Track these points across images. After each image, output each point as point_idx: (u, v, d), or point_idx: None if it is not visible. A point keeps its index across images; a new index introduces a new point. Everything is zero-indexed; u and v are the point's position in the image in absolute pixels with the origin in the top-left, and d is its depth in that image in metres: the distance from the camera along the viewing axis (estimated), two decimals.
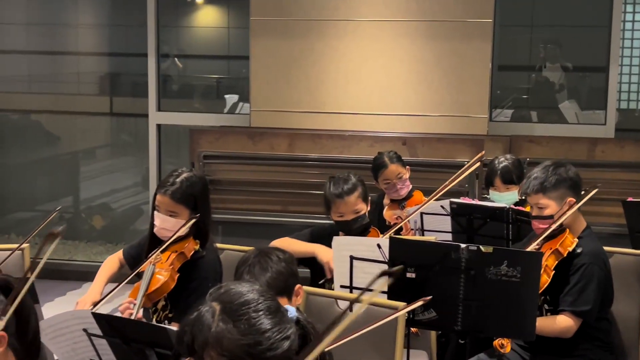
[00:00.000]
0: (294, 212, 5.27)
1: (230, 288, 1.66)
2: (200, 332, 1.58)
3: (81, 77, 6.86)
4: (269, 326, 1.59)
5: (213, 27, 6.84)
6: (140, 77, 6.51)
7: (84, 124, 6.75)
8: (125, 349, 2.25)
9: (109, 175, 6.91)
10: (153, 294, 2.92)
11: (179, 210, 3.00)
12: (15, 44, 6.72)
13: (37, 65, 6.84)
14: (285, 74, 5.40)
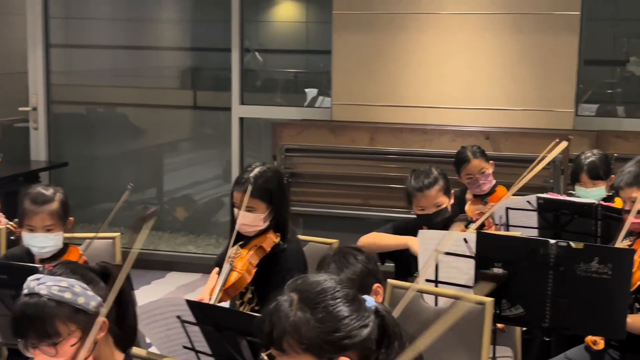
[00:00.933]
0: (374, 206, 5.28)
1: (307, 278, 1.69)
2: (279, 322, 1.61)
3: (164, 72, 6.99)
4: (347, 314, 1.61)
5: (292, 22, 6.88)
6: (221, 71, 6.61)
7: (168, 117, 6.89)
8: (217, 336, 2.29)
9: (191, 168, 7.03)
10: (230, 289, 2.97)
11: (256, 205, 3.03)
12: (101, 39, 6.90)
13: (121, 59, 7.00)
14: (366, 67, 5.41)
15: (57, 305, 1.85)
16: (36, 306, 1.84)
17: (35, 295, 1.85)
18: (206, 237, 6.56)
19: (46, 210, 3.03)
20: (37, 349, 1.85)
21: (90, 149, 6.74)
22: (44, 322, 1.83)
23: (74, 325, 1.86)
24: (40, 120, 6.37)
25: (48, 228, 3.03)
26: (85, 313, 1.88)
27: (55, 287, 1.86)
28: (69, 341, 1.85)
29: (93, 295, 1.90)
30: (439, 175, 3.48)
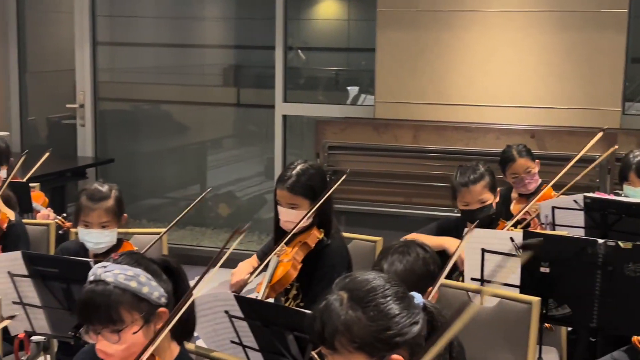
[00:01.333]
0: (417, 204, 5.27)
1: (356, 276, 1.69)
2: (330, 320, 1.61)
3: (207, 69, 7.05)
4: (397, 311, 1.62)
5: (334, 20, 6.89)
6: (264, 69, 6.64)
7: (211, 114, 6.95)
8: (264, 331, 2.32)
9: (234, 165, 7.08)
10: (276, 284, 2.99)
11: (299, 202, 3.04)
12: (146, 36, 6.98)
13: (166, 57, 7.08)
14: (410, 65, 5.40)
15: (122, 293, 1.88)
16: (102, 293, 1.88)
17: (102, 282, 1.89)
18: (249, 234, 6.60)
19: (102, 207, 3.08)
20: (100, 334, 1.89)
21: (135, 146, 6.83)
22: (109, 308, 1.87)
23: (137, 314, 1.90)
24: (87, 117, 6.47)
25: (103, 224, 3.08)
26: (148, 302, 1.91)
27: (121, 275, 1.90)
28: (132, 329, 1.89)
29: (156, 286, 1.94)
30: (485, 171, 3.46)
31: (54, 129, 7.10)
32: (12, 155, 4.41)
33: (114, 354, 1.89)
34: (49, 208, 4.22)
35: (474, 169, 3.45)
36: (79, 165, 6.11)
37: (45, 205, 4.29)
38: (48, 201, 4.38)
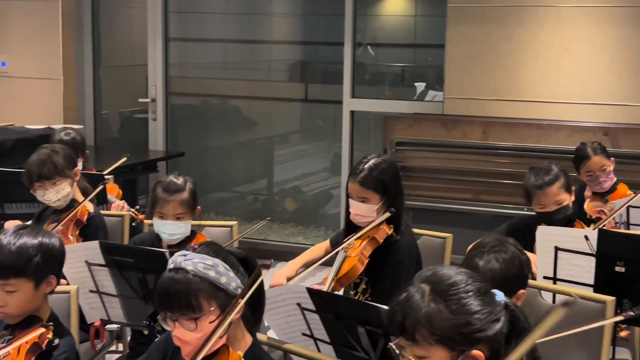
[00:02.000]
0: (485, 202, 5.22)
1: (438, 270, 1.69)
2: (412, 312, 1.62)
3: (276, 65, 7.10)
4: (479, 307, 1.61)
5: (401, 16, 6.86)
6: (330, 65, 6.66)
7: (279, 109, 7.00)
8: (336, 324, 2.33)
9: (300, 160, 7.12)
10: (342, 278, 3.01)
11: (369, 196, 3.06)
12: (215, 32, 7.07)
13: (235, 52, 7.15)
14: (481, 61, 5.35)
15: (200, 281, 1.91)
16: (182, 280, 1.91)
17: (181, 271, 1.92)
18: (315, 229, 6.64)
19: (177, 199, 3.13)
20: (177, 321, 1.92)
21: (204, 140, 6.92)
22: (189, 296, 1.90)
23: (214, 303, 1.92)
24: (158, 111, 6.58)
25: (178, 216, 3.13)
26: (225, 293, 1.94)
27: (200, 264, 1.93)
28: (209, 317, 1.92)
29: (234, 277, 1.97)
30: (559, 172, 3.41)
31: (126, 123, 7.25)
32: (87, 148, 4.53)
33: (190, 341, 1.92)
34: (122, 200, 4.32)
35: (547, 170, 3.40)
36: (150, 159, 6.21)
37: (119, 197, 4.38)
38: (122, 193, 4.48)
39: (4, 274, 2.24)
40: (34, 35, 6.49)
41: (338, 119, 6.19)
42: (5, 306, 2.26)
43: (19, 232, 2.30)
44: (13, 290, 2.25)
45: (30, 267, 2.25)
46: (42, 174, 3.41)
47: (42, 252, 2.28)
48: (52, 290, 2.36)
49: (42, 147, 3.55)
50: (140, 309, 2.78)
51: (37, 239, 2.29)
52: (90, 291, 2.86)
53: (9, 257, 2.24)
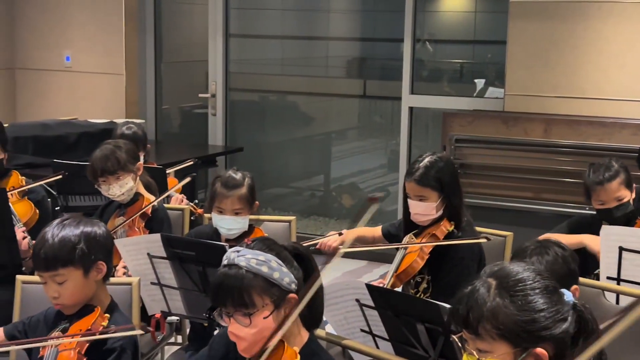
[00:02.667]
0: (546, 200, 5.14)
1: (505, 265, 1.68)
2: (476, 306, 1.61)
3: (333, 61, 7.10)
4: (545, 305, 1.60)
5: (461, 12, 6.80)
6: (388, 61, 6.63)
7: (336, 105, 7.00)
8: (395, 321, 2.32)
9: (357, 156, 7.12)
10: (402, 274, 3.00)
11: (427, 194, 3.05)
12: (274, 29, 7.11)
13: (293, 49, 7.18)
14: (542, 57, 5.26)
15: (254, 277, 1.92)
16: (235, 277, 1.92)
17: (235, 267, 1.94)
18: (372, 225, 6.61)
19: (236, 194, 3.15)
20: (232, 317, 1.94)
21: (262, 135, 6.97)
22: (242, 292, 1.91)
23: (268, 298, 1.93)
24: (218, 106, 6.65)
25: (236, 211, 3.16)
26: (279, 288, 1.95)
27: (253, 259, 1.94)
28: (263, 313, 1.93)
29: (287, 272, 1.97)
30: (619, 167, 3.34)
31: (186, 118, 7.34)
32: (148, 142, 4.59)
33: (245, 337, 1.94)
34: (182, 194, 4.37)
35: (607, 166, 3.34)
36: (210, 154, 6.28)
37: (178, 191, 4.43)
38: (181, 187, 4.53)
39: (52, 266, 2.29)
40: (97, 31, 6.62)
41: (396, 115, 6.17)
42: (59, 297, 2.31)
43: (62, 224, 2.35)
44: (63, 281, 2.30)
45: (75, 255, 2.30)
46: (105, 169, 3.47)
47: (85, 240, 2.32)
48: (103, 276, 2.39)
49: (105, 143, 3.62)
50: (200, 302, 2.81)
51: (79, 228, 2.34)
52: (152, 283, 2.90)
53: (53, 248, 2.29)
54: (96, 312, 2.31)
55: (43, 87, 6.87)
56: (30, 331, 2.46)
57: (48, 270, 2.29)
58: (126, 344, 2.31)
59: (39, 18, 6.81)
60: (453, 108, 5.76)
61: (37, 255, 2.30)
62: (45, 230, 2.33)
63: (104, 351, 2.27)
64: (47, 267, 2.29)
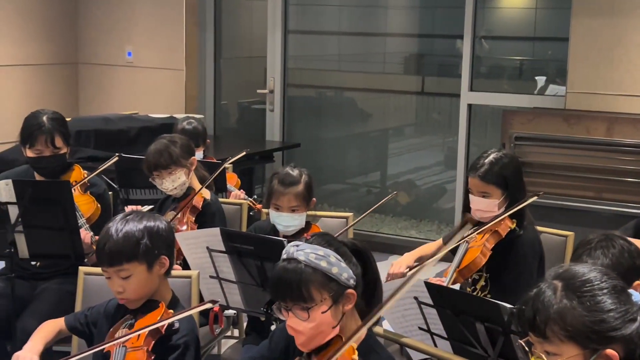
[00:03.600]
0: (608, 200, 5.03)
1: (571, 266, 1.66)
2: (543, 308, 1.59)
3: (391, 57, 7.07)
4: (614, 305, 1.58)
5: (520, 8, 6.71)
6: (446, 57, 6.58)
7: (394, 102, 6.98)
8: (454, 320, 2.30)
9: (414, 153, 7.08)
10: (464, 269, 2.98)
11: (490, 191, 3.02)
12: (331, 25, 7.11)
13: (350, 45, 7.17)
14: (606, 55, 5.15)
15: (312, 272, 1.93)
16: (294, 271, 1.93)
17: (294, 261, 1.95)
18: (428, 223, 6.58)
19: (292, 192, 3.16)
20: (290, 311, 1.95)
21: (319, 131, 6.98)
22: (300, 286, 1.92)
23: (326, 293, 1.94)
24: (276, 102, 6.67)
25: (293, 209, 3.17)
26: (337, 283, 1.95)
27: (312, 254, 1.95)
28: (321, 308, 1.93)
29: (346, 267, 1.97)
30: None
31: (244, 113, 7.39)
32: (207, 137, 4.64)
33: (303, 331, 1.94)
34: (241, 190, 4.40)
35: None
36: (267, 149, 6.31)
37: (237, 186, 4.47)
38: (240, 182, 4.57)
39: (117, 261, 2.32)
40: (158, 27, 6.71)
41: (454, 112, 6.11)
42: (123, 292, 2.34)
43: (125, 219, 2.38)
44: (128, 275, 2.33)
45: (139, 250, 2.33)
46: (158, 163, 3.52)
47: (149, 235, 2.35)
48: (166, 270, 2.42)
49: (160, 137, 3.67)
50: (258, 296, 2.83)
51: (142, 223, 2.37)
52: (211, 277, 2.93)
53: (117, 244, 2.32)
54: (161, 308, 2.34)
55: (105, 82, 6.99)
56: (91, 323, 2.50)
57: (112, 266, 2.32)
58: (190, 340, 2.34)
59: (102, 14, 6.93)
60: (513, 105, 5.69)
61: (101, 250, 2.34)
62: (109, 226, 2.36)
63: (168, 347, 2.30)
64: (112, 262, 2.32)
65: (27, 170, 3.60)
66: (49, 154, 3.46)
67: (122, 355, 2.24)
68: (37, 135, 3.44)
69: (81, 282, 2.87)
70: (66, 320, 2.51)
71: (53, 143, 3.45)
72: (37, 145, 3.44)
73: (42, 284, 3.48)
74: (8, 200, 3.09)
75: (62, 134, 3.49)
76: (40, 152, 3.45)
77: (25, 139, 3.47)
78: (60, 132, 3.48)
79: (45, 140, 3.44)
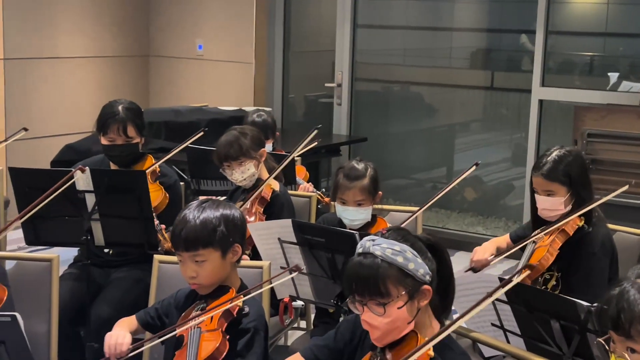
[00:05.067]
0: None
1: None
2: (628, 307, 1.58)
3: (459, 52, 7.01)
4: None
5: (591, 3, 6.58)
6: (514, 52, 6.48)
7: (461, 97, 6.92)
8: (528, 317, 2.28)
9: (481, 149, 7.01)
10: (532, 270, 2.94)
11: (555, 189, 2.99)
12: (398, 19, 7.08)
13: (417, 39, 7.13)
14: None
15: (389, 267, 1.93)
16: (370, 266, 1.93)
17: (370, 256, 1.95)
18: (495, 220, 6.51)
19: (358, 186, 3.17)
20: (366, 306, 1.95)
21: (385, 126, 6.96)
22: (377, 281, 1.92)
23: (402, 289, 1.93)
24: (343, 96, 6.68)
25: (359, 202, 3.17)
26: (413, 279, 1.94)
27: (389, 249, 1.94)
28: (397, 303, 1.93)
29: (422, 263, 1.96)
30: None
31: (311, 107, 7.41)
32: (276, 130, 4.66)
33: (379, 326, 1.94)
34: (309, 182, 4.42)
35: None
36: (334, 143, 6.32)
37: (306, 179, 4.49)
38: (309, 175, 4.59)
39: (193, 246, 2.35)
40: (228, 20, 6.78)
41: (523, 108, 6.03)
42: (197, 277, 2.38)
43: (201, 206, 2.41)
44: (203, 260, 2.36)
45: (216, 237, 2.36)
46: (228, 154, 3.56)
47: (225, 222, 2.38)
48: (238, 259, 2.45)
49: (231, 129, 3.70)
50: (329, 288, 2.84)
51: (219, 211, 2.40)
52: (282, 267, 2.95)
53: (195, 229, 2.35)
54: (232, 293, 2.38)
55: (175, 74, 7.10)
56: (163, 315, 2.54)
57: (188, 251, 2.36)
58: (259, 325, 2.36)
59: (173, 8, 7.03)
60: (585, 101, 5.59)
61: (177, 235, 2.38)
62: (185, 212, 2.40)
63: (238, 331, 2.33)
64: (188, 247, 2.36)
65: (103, 160, 3.67)
66: (121, 142, 3.53)
67: (198, 336, 2.27)
68: (110, 124, 3.51)
69: (155, 270, 2.93)
70: (138, 317, 2.55)
71: (125, 132, 3.52)
72: (110, 133, 3.52)
73: (115, 272, 3.55)
74: (85, 189, 3.16)
75: (135, 124, 3.56)
76: (113, 140, 3.53)
77: (100, 127, 3.56)
78: (133, 122, 3.55)
79: (118, 129, 3.51)
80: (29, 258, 2.91)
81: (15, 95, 6.22)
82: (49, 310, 2.84)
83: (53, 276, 2.86)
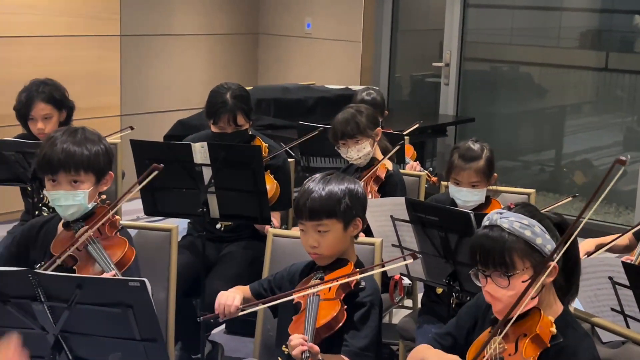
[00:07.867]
0: None
1: None
2: None
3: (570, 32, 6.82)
4: None
5: None
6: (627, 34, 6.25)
7: (573, 78, 6.73)
8: None
9: (593, 132, 6.82)
10: None
11: None
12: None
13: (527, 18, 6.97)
14: None
15: (516, 240, 1.92)
16: (497, 238, 1.93)
17: (497, 228, 1.95)
18: (605, 205, 6.33)
19: (473, 167, 3.13)
20: (490, 277, 1.95)
21: (493, 107, 6.85)
22: (503, 252, 1.92)
23: (528, 263, 1.93)
24: (451, 76, 6.60)
25: (473, 184, 3.14)
26: (539, 254, 1.93)
27: (517, 222, 1.94)
28: (522, 277, 1.92)
29: (549, 239, 1.95)
30: None
31: (417, 86, 7.36)
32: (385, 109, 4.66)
33: (501, 298, 1.94)
34: (417, 161, 4.41)
35: None
36: (440, 123, 6.27)
37: (413, 158, 4.49)
38: (416, 155, 4.57)
39: (317, 216, 2.39)
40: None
41: (638, 90, 5.82)
42: (318, 247, 2.41)
43: (326, 177, 2.45)
44: (326, 230, 2.39)
45: (340, 208, 2.39)
46: (345, 132, 3.57)
47: (349, 195, 2.41)
48: (357, 233, 2.48)
49: (348, 107, 3.71)
50: (440, 268, 2.83)
51: (344, 184, 2.43)
52: (393, 245, 2.96)
53: (321, 199, 2.38)
54: (350, 266, 2.40)
55: (283, 52, 7.17)
56: (275, 287, 2.59)
57: (312, 220, 2.40)
58: (375, 300, 2.38)
59: None
60: None
61: (302, 205, 2.41)
62: (309, 184, 2.44)
63: (355, 304, 2.36)
64: (312, 216, 2.39)
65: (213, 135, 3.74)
66: (230, 131, 3.54)
67: (316, 303, 2.31)
68: (220, 114, 3.51)
69: (269, 243, 2.97)
70: (251, 288, 2.61)
71: (235, 121, 3.53)
72: (219, 123, 3.53)
73: (227, 247, 3.63)
74: (203, 162, 3.24)
75: (243, 112, 3.55)
76: (222, 129, 3.54)
77: (210, 115, 3.57)
78: (242, 109, 3.54)
79: (228, 120, 3.51)
80: (150, 228, 2.99)
81: (130, 71, 6.42)
82: (167, 279, 2.90)
83: (172, 245, 2.92)
